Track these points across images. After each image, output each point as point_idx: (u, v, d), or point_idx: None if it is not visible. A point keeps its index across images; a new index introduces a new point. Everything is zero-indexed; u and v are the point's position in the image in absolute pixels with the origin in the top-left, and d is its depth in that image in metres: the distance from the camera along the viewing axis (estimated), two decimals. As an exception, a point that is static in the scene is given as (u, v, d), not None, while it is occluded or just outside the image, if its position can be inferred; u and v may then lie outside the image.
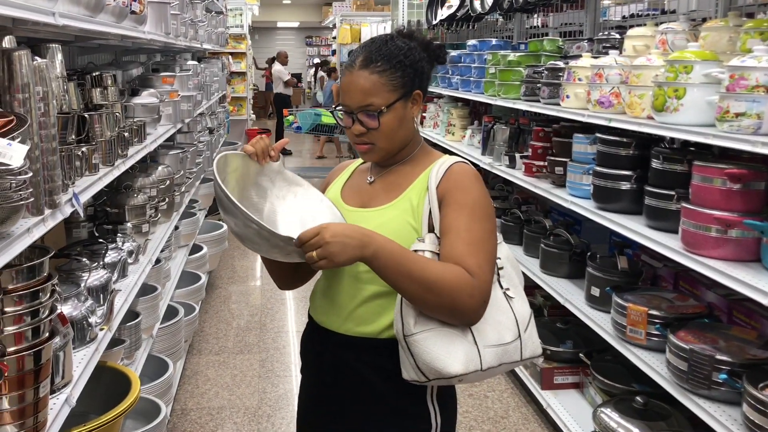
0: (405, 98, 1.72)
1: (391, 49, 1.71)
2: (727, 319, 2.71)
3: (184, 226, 4.83)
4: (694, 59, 2.48)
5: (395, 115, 1.71)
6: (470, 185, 1.69)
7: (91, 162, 2.52)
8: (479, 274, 1.60)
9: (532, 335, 1.72)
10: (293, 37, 24.27)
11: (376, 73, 1.69)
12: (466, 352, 1.60)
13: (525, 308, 1.73)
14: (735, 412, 2.21)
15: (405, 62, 1.71)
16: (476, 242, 1.63)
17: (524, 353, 1.69)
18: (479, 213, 1.67)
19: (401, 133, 1.75)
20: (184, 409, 3.84)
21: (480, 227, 1.65)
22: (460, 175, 1.70)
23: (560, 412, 3.40)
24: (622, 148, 3.03)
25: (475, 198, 1.68)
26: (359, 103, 1.69)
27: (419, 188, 1.73)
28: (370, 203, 1.79)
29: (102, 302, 2.54)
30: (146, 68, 5.09)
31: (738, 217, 2.28)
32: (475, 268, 1.60)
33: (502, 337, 1.65)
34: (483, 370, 1.62)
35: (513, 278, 1.75)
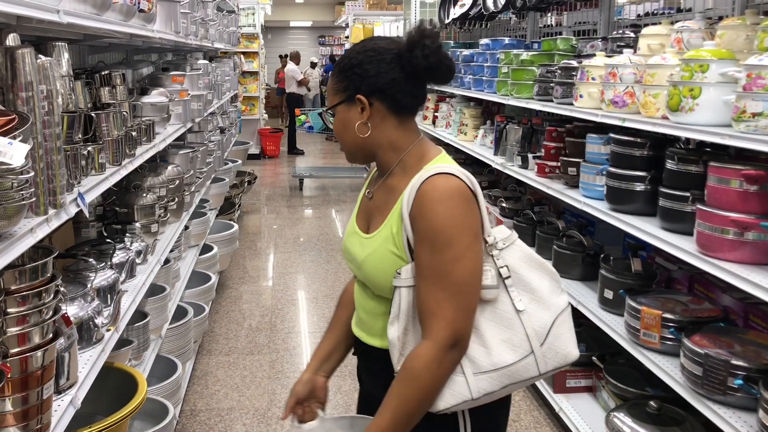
0: (347, 102, 1.68)
1: (346, 56, 1.71)
2: (743, 323, 2.65)
3: (195, 226, 4.81)
4: (710, 58, 2.43)
5: (338, 118, 1.72)
6: (431, 210, 1.56)
7: (97, 161, 2.50)
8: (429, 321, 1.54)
9: (557, 344, 1.61)
10: (306, 36, 24.28)
11: (329, 80, 1.74)
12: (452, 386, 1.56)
13: (545, 316, 1.61)
14: (751, 418, 2.16)
15: (348, 65, 1.68)
16: (436, 279, 1.54)
17: (545, 366, 1.60)
18: (438, 242, 1.54)
19: (347, 136, 1.71)
20: (194, 410, 3.82)
21: (440, 260, 1.54)
22: (424, 199, 1.57)
23: (572, 415, 3.35)
24: (636, 149, 2.98)
25: (435, 225, 1.55)
26: None
27: (397, 213, 1.64)
28: (368, 227, 1.75)
29: (109, 303, 2.53)
30: (156, 67, 5.08)
31: (755, 219, 2.23)
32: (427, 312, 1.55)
33: (501, 360, 1.57)
34: (475, 398, 1.57)
35: (530, 282, 1.63)
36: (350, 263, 1.79)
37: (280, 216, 8.59)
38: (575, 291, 3.46)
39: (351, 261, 1.77)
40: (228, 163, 7.15)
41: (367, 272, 1.68)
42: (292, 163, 12.34)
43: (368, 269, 1.67)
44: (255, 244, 7.32)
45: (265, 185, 10.58)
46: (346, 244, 1.80)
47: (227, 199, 6.86)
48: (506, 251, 1.63)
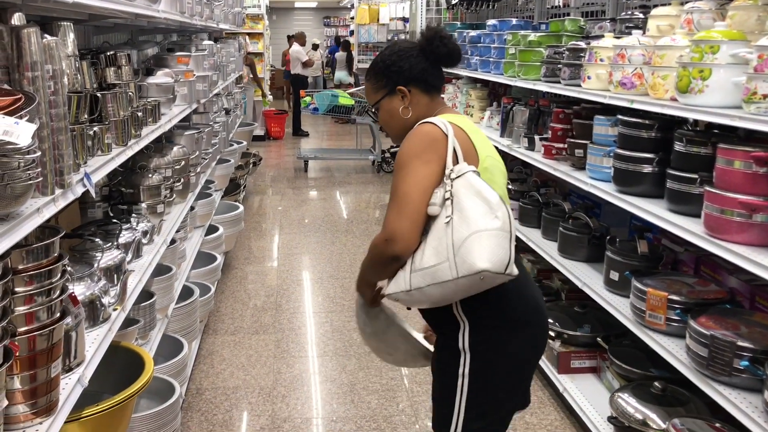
0: (389, 95, 2.14)
1: (377, 59, 2.18)
2: (750, 305, 2.65)
3: (200, 207, 4.81)
4: (720, 39, 2.41)
5: (384, 110, 2.17)
6: (404, 144, 2.01)
7: (103, 141, 2.50)
8: (386, 224, 1.95)
9: (467, 257, 1.85)
10: (311, 17, 24.14)
11: (367, 81, 2.21)
12: (397, 278, 1.97)
13: (464, 231, 1.87)
14: (756, 398, 2.17)
15: (382, 67, 2.14)
16: (392, 195, 1.97)
17: (458, 272, 1.86)
18: (397, 167, 1.98)
19: (394, 122, 2.16)
20: (200, 389, 3.85)
21: (395, 179, 1.97)
22: (405, 138, 2.03)
23: (577, 396, 3.37)
24: (644, 131, 2.96)
25: (399, 154, 2.00)
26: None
27: None
28: None
29: (115, 282, 2.53)
30: (162, 48, 5.06)
31: (763, 201, 2.22)
32: (384, 220, 1.96)
33: (427, 262, 1.90)
34: (409, 289, 1.94)
35: (465, 205, 1.89)
36: None
37: (285, 197, 8.59)
38: (581, 272, 3.46)
39: None
40: (233, 144, 7.14)
41: None
42: (297, 145, 12.31)
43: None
44: (260, 225, 7.33)
45: (269, 167, 10.57)
46: None
47: (232, 180, 6.86)
48: (457, 181, 1.92)
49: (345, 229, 7.14)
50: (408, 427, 3.50)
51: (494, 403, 2.05)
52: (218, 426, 3.51)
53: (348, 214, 7.87)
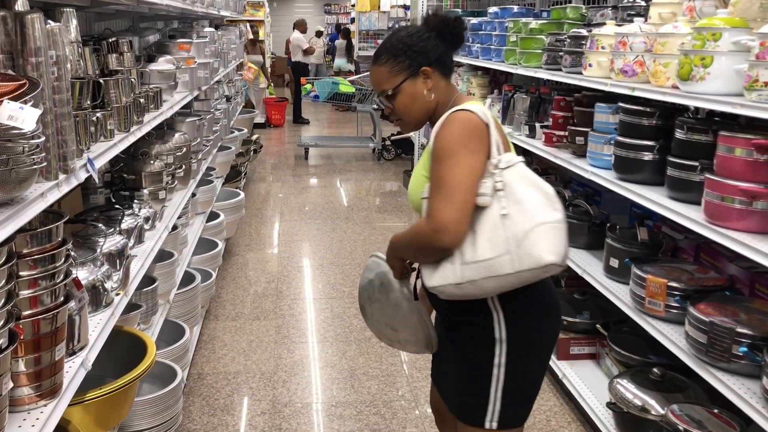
0: (412, 77, 2.03)
1: (393, 41, 2.05)
2: (749, 292, 2.67)
3: (202, 194, 4.83)
4: (723, 26, 2.41)
5: (405, 94, 2.05)
6: (444, 132, 1.92)
7: (106, 128, 2.50)
8: (431, 213, 1.87)
9: (532, 249, 1.81)
10: (312, 4, 24.05)
11: (382, 65, 2.06)
12: (443, 270, 1.90)
13: (526, 223, 1.82)
14: (754, 385, 2.19)
15: (403, 48, 2.03)
16: (436, 184, 1.88)
17: (519, 267, 1.82)
18: (442, 155, 1.89)
19: (417, 106, 2.06)
20: (201, 374, 3.87)
21: (441, 168, 1.88)
22: (443, 125, 1.94)
23: (576, 382, 3.39)
24: (645, 118, 2.97)
25: (442, 142, 1.91)
26: (378, 91, 2.09)
27: (430, 143, 1.98)
28: None
29: (118, 267, 2.55)
30: (163, 35, 5.05)
31: (764, 188, 2.23)
32: (429, 209, 1.89)
33: (482, 255, 1.84)
34: (459, 283, 1.88)
35: (521, 196, 1.86)
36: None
37: (285, 184, 8.60)
38: (581, 260, 3.47)
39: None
40: (234, 132, 7.14)
41: (410, 195, 2.08)
42: (298, 133, 12.30)
43: (410, 192, 2.07)
44: (261, 212, 7.34)
45: (270, 154, 10.57)
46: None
47: (233, 168, 6.87)
48: (507, 171, 1.89)
49: (345, 216, 7.15)
50: (408, 412, 3.53)
51: (530, 388, 2.06)
52: (219, 410, 3.53)
53: (348, 201, 7.88)
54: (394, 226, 6.79)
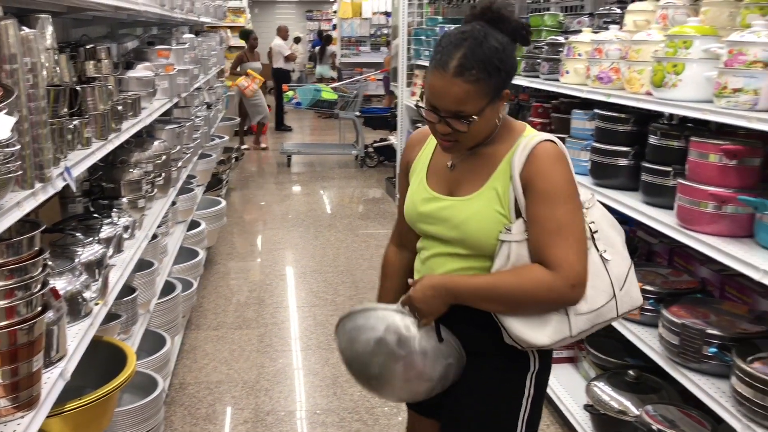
0: (494, 100, 1.71)
1: (486, 53, 1.66)
2: (720, 294, 2.71)
3: (182, 202, 4.82)
4: (693, 34, 2.45)
5: (484, 119, 1.72)
6: (551, 170, 1.70)
7: (83, 135, 2.50)
8: (560, 264, 1.67)
9: (630, 290, 1.79)
10: (293, 11, 24.07)
11: (470, 83, 1.65)
12: (555, 324, 1.71)
13: (623, 265, 1.78)
14: (724, 384, 2.22)
15: (500, 67, 1.67)
16: (558, 230, 1.68)
17: (620, 310, 1.76)
18: (560, 198, 1.69)
19: (486, 132, 1.77)
20: (183, 384, 3.87)
21: (562, 212, 1.68)
22: (541, 160, 1.71)
23: (554, 385, 3.42)
24: (620, 124, 3.01)
25: (555, 183, 1.70)
26: (450, 110, 1.69)
27: (503, 175, 1.75)
28: (456, 190, 1.83)
29: (97, 277, 2.54)
30: (142, 41, 5.05)
31: (733, 192, 2.27)
32: (556, 258, 1.67)
33: (594, 303, 1.72)
34: (573, 335, 1.73)
35: (610, 237, 1.79)
36: (432, 227, 1.86)
37: (267, 192, 8.59)
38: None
39: (437, 224, 1.84)
40: (215, 139, 7.14)
41: (469, 232, 1.77)
42: (280, 140, 12.30)
43: (471, 229, 1.77)
44: (243, 220, 7.34)
45: (252, 162, 10.56)
46: (422, 209, 1.87)
47: (214, 175, 6.86)
48: (591, 210, 1.81)
49: (328, 224, 7.16)
50: (390, 419, 3.54)
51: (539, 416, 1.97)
52: (201, 420, 3.53)
53: (331, 208, 7.89)
54: (377, 233, 6.81)
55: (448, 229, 1.81)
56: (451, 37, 1.70)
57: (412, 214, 1.91)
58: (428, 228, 1.87)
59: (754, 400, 2.01)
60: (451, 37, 1.70)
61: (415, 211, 1.89)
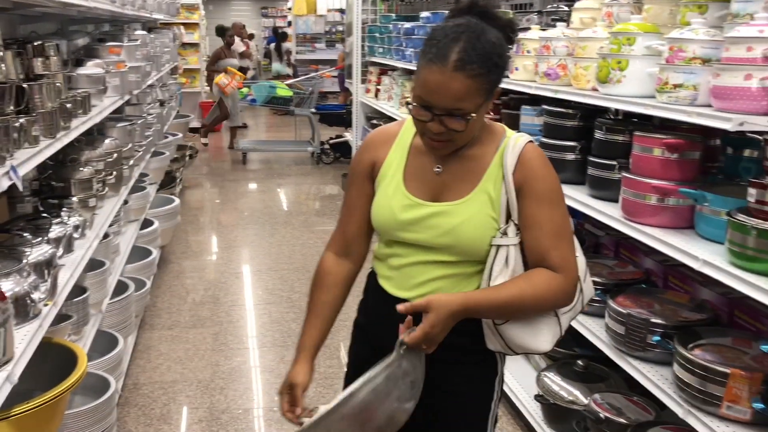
0: (489, 98, 1.64)
1: (486, 47, 1.57)
2: (663, 284, 2.79)
3: (134, 201, 4.76)
4: (636, 31, 2.52)
5: (480, 116, 1.64)
6: (546, 172, 1.70)
7: (30, 134, 2.47)
8: (564, 266, 1.67)
9: (588, 282, 1.81)
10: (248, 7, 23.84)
11: (471, 78, 1.55)
12: (551, 328, 1.72)
13: (582, 258, 1.79)
14: (667, 371, 2.29)
15: (498, 63, 1.60)
16: (558, 231, 1.67)
17: (585, 301, 1.78)
18: (556, 199, 1.69)
19: (475, 130, 1.69)
20: (136, 384, 3.83)
21: (559, 214, 1.69)
22: (534, 162, 1.69)
23: (506, 377, 3.44)
24: (567, 120, 3.07)
25: (551, 185, 1.69)
26: (447, 107, 1.58)
27: (494, 176, 1.70)
28: (442, 195, 1.73)
29: (46, 278, 2.51)
30: (93, 38, 4.97)
31: (675, 185, 2.35)
32: (560, 261, 1.66)
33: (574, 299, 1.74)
34: (562, 334, 1.75)
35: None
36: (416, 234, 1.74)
37: (223, 190, 8.53)
38: (511, 258, 3.56)
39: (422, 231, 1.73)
40: (168, 137, 7.06)
41: (462, 238, 1.69)
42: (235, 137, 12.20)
43: (464, 235, 1.69)
44: (197, 219, 7.27)
45: (207, 159, 10.47)
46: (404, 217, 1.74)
47: (168, 173, 6.78)
48: None
49: (284, 221, 7.14)
50: (346, 414, 3.56)
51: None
52: (156, 420, 3.50)
53: (288, 205, 7.87)
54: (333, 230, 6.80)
55: (436, 236, 1.71)
56: (447, 30, 1.59)
57: (389, 222, 1.77)
58: (410, 235, 1.75)
59: (694, 386, 2.08)
60: (447, 30, 1.59)
61: (394, 220, 1.76)
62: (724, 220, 2.05)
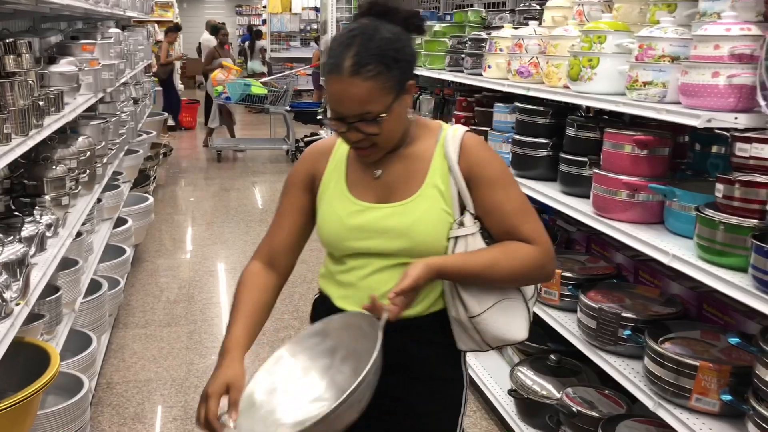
0: (400, 95, 1.60)
1: (380, 45, 1.55)
2: (634, 279, 2.84)
3: (108, 199, 4.73)
4: (607, 29, 2.55)
5: (395, 115, 1.61)
6: (490, 156, 1.70)
7: (2, 131, 2.45)
8: (536, 237, 1.66)
9: None
10: (223, 5, 23.72)
11: (369, 80, 1.53)
12: (524, 315, 1.72)
13: None
14: (638, 365, 2.33)
15: (397, 57, 1.57)
16: (519, 208, 1.67)
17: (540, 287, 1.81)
18: (507, 179, 1.69)
19: (400, 128, 1.66)
20: (110, 383, 3.81)
21: (515, 192, 1.69)
22: (476, 149, 1.68)
23: (480, 371, 3.51)
24: (540, 117, 3.10)
25: (498, 168, 1.69)
26: (355, 113, 1.56)
27: (440, 170, 1.67)
28: (390, 197, 1.70)
29: (18, 277, 2.48)
30: (66, 36, 4.92)
31: (644, 181, 2.38)
32: (531, 232, 1.66)
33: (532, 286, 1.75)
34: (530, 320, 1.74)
35: None
36: (368, 241, 1.69)
37: (197, 188, 8.48)
38: (485, 255, 3.59)
39: (375, 237, 1.68)
40: (142, 135, 7.01)
41: (419, 236, 1.65)
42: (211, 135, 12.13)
43: (420, 233, 1.65)
44: (172, 217, 7.23)
45: (181, 157, 10.40)
46: (353, 222, 1.70)
47: (142, 172, 6.74)
48: None
49: (259, 218, 7.12)
50: (322, 411, 3.56)
51: None
52: (130, 419, 3.48)
53: (262, 203, 7.85)
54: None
55: (390, 239, 1.67)
56: (341, 38, 1.59)
57: (338, 232, 1.71)
58: (362, 243, 1.69)
59: (665, 379, 2.12)
60: (341, 38, 1.59)
61: (343, 228, 1.71)
62: (692, 216, 2.09)
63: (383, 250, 1.68)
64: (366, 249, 1.69)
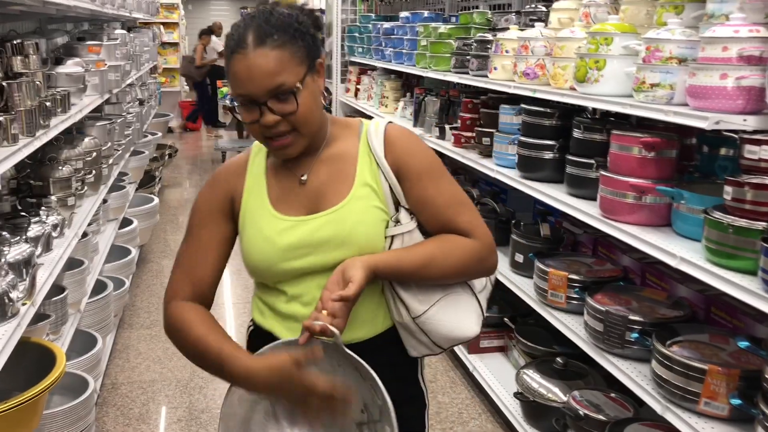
0: (311, 70, 1.50)
1: (281, 19, 1.48)
2: (641, 282, 2.83)
3: (113, 200, 4.73)
4: (614, 31, 2.54)
5: (309, 91, 1.49)
6: (416, 147, 1.60)
7: (9, 132, 2.45)
8: (473, 229, 1.58)
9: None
10: (228, 7, 23.73)
11: (276, 48, 1.44)
12: (475, 309, 1.62)
13: None
14: (645, 368, 2.31)
15: (301, 29, 1.49)
16: (453, 200, 1.59)
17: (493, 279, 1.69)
18: (438, 170, 1.60)
19: (317, 111, 1.53)
20: (115, 384, 3.81)
21: (446, 183, 1.60)
22: (401, 140, 1.59)
23: (486, 374, 3.50)
24: (546, 119, 3.10)
25: (426, 158, 1.60)
26: (267, 87, 1.44)
27: (368, 166, 1.57)
28: (320, 205, 1.56)
29: (24, 277, 2.49)
30: (72, 37, 4.93)
31: (652, 183, 2.37)
32: (467, 225, 1.58)
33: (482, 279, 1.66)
34: (485, 314, 1.65)
35: None
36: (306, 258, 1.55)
37: (202, 190, 8.48)
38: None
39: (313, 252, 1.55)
40: (148, 136, 7.02)
41: (359, 242, 1.53)
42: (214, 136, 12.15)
43: (360, 238, 1.53)
44: (176, 218, 7.23)
45: (186, 158, 10.41)
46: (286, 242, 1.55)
47: (147, 173, 6.75)
48: None
49: (264, 220, 7.11)
50: (327, 412, 3.56)
51: None
52: (134, 420, 3.48)
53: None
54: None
55: (329, 251, 1.53)
56: (239, 23, 1.51)
57: (269, 256, 1.56)
58: (298, 263, 1.55)
59: (672, 383, 2.10)
60: (239, 23, 1.51)
61: (274, 249, 1.55)
62: (700, 218, 2.08)
63: (323, 265, 1.54)
64: (303, 268, 1.55)
